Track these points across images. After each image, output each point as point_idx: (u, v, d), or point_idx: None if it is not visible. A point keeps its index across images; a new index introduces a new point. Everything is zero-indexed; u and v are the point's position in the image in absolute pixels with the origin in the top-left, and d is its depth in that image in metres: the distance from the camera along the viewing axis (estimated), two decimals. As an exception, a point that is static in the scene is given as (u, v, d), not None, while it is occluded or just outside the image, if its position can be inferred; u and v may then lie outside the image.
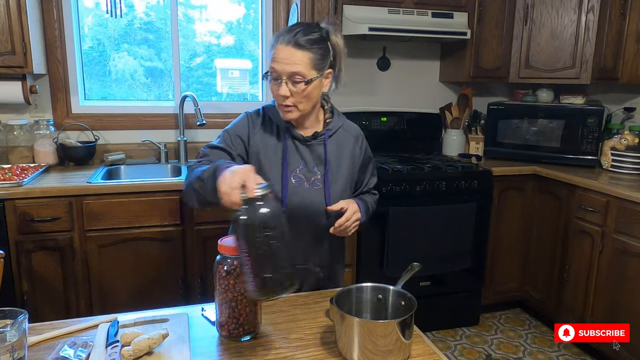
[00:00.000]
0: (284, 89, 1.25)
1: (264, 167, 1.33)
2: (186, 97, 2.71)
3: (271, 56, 1.27)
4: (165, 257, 2.32)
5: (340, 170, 1.39)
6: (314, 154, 1.37)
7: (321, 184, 1.36)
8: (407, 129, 3.11)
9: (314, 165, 1.36)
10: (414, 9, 2.75)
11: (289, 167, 1.34)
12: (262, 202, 0.97)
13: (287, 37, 1.24)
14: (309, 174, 1.36)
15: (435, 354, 1.08)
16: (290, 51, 1.23)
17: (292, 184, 1.34)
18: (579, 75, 2.84)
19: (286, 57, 1.23)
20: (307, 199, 1.34)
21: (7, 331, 0.94)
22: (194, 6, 2.90)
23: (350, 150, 1.42)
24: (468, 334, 2.83)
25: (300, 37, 1.24)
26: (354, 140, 1.44)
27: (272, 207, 0.98)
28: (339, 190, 1.38)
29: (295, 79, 1.25)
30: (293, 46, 1.23)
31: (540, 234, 2.86)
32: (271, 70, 1.27)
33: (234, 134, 1.36)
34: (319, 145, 1.38)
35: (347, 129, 1.45)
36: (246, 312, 1.10)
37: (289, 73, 1.24)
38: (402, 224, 2.54)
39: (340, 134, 1.42)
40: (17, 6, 2.22)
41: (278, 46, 1.25)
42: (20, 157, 2.53)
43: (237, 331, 1.10)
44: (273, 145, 1.35)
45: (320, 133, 1.38)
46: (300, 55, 1.24)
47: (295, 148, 1.36)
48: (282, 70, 1.24)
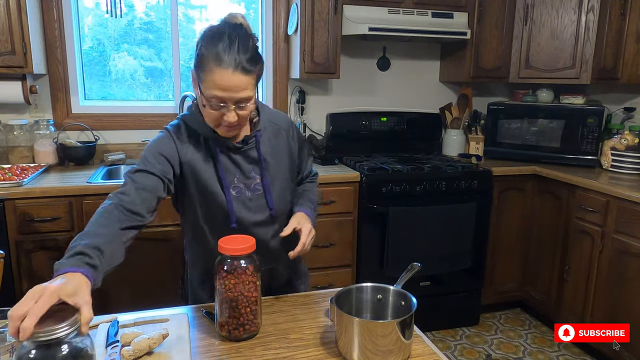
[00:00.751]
0: (232, 116, 1.14)
1: (200, 184, 1.25)
2: (186, 97, 2.71)
3: (206, 80, 1.11)
4: (165, 257, 2.32)
5: (279, 166, 1.34)
6: (248, 158, 1.29)
7: (262, 188, 1.30)
8: (407, 129, 3.11)
9: (250, 170, 1.29)
10: (414, 9, 2.75)
11: (227, 179, 1.26)
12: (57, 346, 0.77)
13: (231, 60, 1.09)
14: (248, 181, 1.29)
15: (435, 354, 1.08)
16: (238, 77, 1.10)
17: (234, 196, 1.27)
18: (579, 75, 2.84)
19: (234, 85, 1.10)
20: (250, 207, 1.29)
21: (7, 331, 0.94)
22: (194, 6, 2.90)
23: (284, 143, 1.36)
24: (468, 334, 2.83)
25: (244, 58, 1.10)
26: (285, 133, 1.37)
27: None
28: (281, 187, 1.34)
29: (243, 104, 1.15)
30: (241, 71, 1.10)
31: (540, 234, 2.86)
32: (213, 98, 1.12)
33: (156, 153, 1.21)
34: (252, 148, 1.29)
35: (275, 120, 1.36)
36: (246, 313, 1.10)
37: (237, 100, 1.13)
38: (402, 224, 2.54)
39: (270, 129, 1.34)
40: (17, 6, 2.22)
41: (221, 71, 1.09)
42: (20, 157, 2.53)
43: (237, 331, 1.10)
44: (205, 159, 1.25)
45: (251, 136, 1.28)
46: (248, 80, 1.12)
47: (228, 158, 1.27)
48: (229, 98, 1.12)
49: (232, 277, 1.07)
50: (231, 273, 1.07)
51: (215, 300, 1.11)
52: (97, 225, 1.04)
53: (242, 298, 1.08)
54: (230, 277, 1.07)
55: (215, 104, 1.13)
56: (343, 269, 2.62)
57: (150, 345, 1.02)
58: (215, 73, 1.09)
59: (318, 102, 3.06)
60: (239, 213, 1.27)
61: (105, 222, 1.07)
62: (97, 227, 1.03)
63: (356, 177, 2.54)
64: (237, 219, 1.27)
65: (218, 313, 1.11)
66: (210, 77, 1.10)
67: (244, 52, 1.11)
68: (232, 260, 1.08)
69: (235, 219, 1.27)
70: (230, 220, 1.26)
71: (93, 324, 1.15)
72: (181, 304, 1.50)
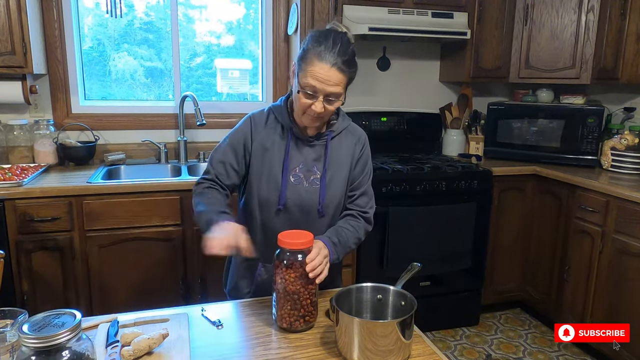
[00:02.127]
0: (320, 106, 1.27)
1: (265, 163, 1.37)
2: (186, 97, 2.71)
3: (306, 70, 1.25)
4: (165, 257, 2.32)
5: (338, 171, 1.40)
6: (315, 153, 1.39)
7: (319, 183, 1.38)
8: (407, 129, 3.11)
9: (313, 165, 1.39)
10: (414, 9, 2.75)
11: (289, 165, 1.37)
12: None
13: (331, 58, 1.23)
14: (308, 173, 1.38)
15: (435, 354, 1.08)
16: (334, 73, 1.24)
17: (291, 182, 1.36)
18: (579, 75, 2.84)
19: (329, 79, 1.24)
20: (303, 197, 1.37)
21: (7, 331, 0.95)
22: (194, 6, 2.90)
23: (350, 150, 1.44)
24: (468, 334, 2.83)
25: (342, 59, 1.25)
26: (355, 141, 1.46)
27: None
28: (336, 190, 1.40)
29: (332, 98, 1.27)
30: (337, 69, 1.24)
31: (540, 234, 2.86)
32: (307, 86, 1.26)
33: (235, 142, 1.40)
34: (321, 145, 1.40)
35: (352, 131, 1.47)
36: (307, 305, 1.14)
37: (327, 93, 1.26)
38: (402, 224, 2.54)
39: (344, 136, 1.44)
40: (17, 6, 2.22)
41: (321, 64, 1.23)
42: (20, 157, 2.53)
43: (298, 323, 1.14)
44: (277, 143, 1.38)
45: (324, 134, 1.40)
46: (341, 78, 1.26)
47: (297, 147, 1.39)
48: (321, 89, 1.25)
49: (292, 271, 1.12)
50: (290, 267, 1.12)
51: (274, 294, 1.15)
52: (209, 198, 1.35)
53: (302, 291, 1.13)
54: (289, 271, 1.12)
55: (309, 92, 1.26)
56: (343, 269, 2.60)
57: (150, 345, 1.02)
58: (315, 65, 1.24)
59: (318, 102, 3.05)
60: (290, 198, 1.36)
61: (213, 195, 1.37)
62: (211, 199, 1.35)
63: (356, 177, 2.54)
64: (285, 203, 1.36)
65: (278, 306, 1.15)
66: (311, 68, 1.25)
67: (343, 55, 1.25)
68: (291, 254, 1.13)
69: (284, 202, 1.36)
70: (279, 202, 1.35)
71: (93, 323, 1.15)
72: (181, 304, 1.50)
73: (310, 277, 1.15)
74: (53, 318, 0.82)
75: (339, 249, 1.34)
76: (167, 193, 2.27)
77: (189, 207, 2.30)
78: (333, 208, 1.40)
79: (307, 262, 1.16)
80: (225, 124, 2.90)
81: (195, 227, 2.33)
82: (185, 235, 2.33)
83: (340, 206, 1.44)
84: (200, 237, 2.38)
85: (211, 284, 2.40)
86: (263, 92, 3.06)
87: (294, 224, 1.36)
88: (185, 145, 2.79)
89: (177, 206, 2.28)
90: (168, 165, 2.74)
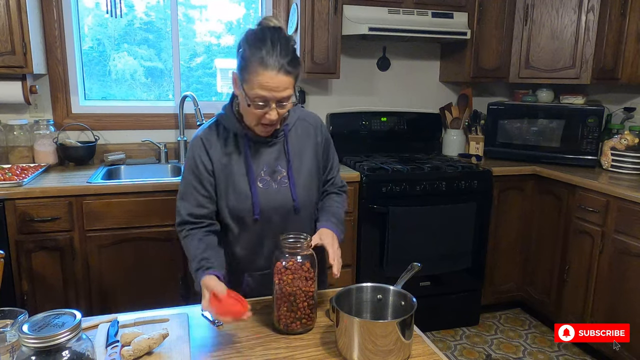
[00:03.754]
0: (274, 114, 1.22)
1: (229, 177, 1.33)
2: (186, 97, 2.71)
3: (252, 80, 1.19)
4: (165, 257, 2.32)
5: (303, 162, 1.39)
6: (276, 152, 1.36)
7: (287, 180, 1.36)
8: (407, 129, 3.11)
9: (277, 164, 1.36)
10: (414, 9, 2.75)
11: (254, 172, 1.33)
12: None
13: (275, 62, 1.17)
14: (274, 174, 1.36)
15: (435, 354, 1.08)
16: (281, 78, 1.18)
17: (260, 188, 1.33)
18: (579, 75, 2.84)
19: (278, 85, 1.19)
20: (275, 199, 1.34)
21: (7, 331, 0.95)
22: (194, 6, 2.90)
23: (312, 139, 1.42)
24: (468, 334, 2.83)
25: (286, 60, 1.19)
26: (313, 129, 1.43)
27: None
28: (305, 183, 1.38)
29: (284, 102, 1.23)
30: (284, 73, 1.18)
31: (540, 234, 2.86)
32: (257, 98, 1.20)
33: (194, 169, 1.34)
34: (280, 142, 1.37)
35: (305, 118, 1.43)
36: (304, 307, 1.14)
37: (279, 98, 1.21)
38: (402, 224, 2.54)
39: (299, 125, 1.41)
40: (17, 6, 2.22)
41: (266, 73, 1.17)
42: (20, 157, 2.53)
43: (294, 325, 1.14)
44: (234, 153, 1.34)
45: (279, 130, 1.35)
46: (290, 81, 1.21)
47: (256, 151, 1.35)
48: (272, 97, 1.20)
49: (290, 272, 1.12)
50: (289, 269, 1.12)
51: (273, 295, 1.16)
52: (189, 252, 1.31)
53: (300, 293, 1.13)
54: (287, 272, 1.12)
55: (259, 103, 1.21)
56: (343, 269, 2.57)
57: (150, 345, 1.02)
58: (260, 75, 1.17)
59: (318, 102, 3.06)
60: (263, 205, 1.33)
61: (190, 246, 1.31)
62: (191, 253, 1.30)
63: (356, 177, 2.54)
64: (260, 211, 1.33)
65: (275, 307, 1.15)
66: (256, 78, 1.18)
67: (286, 55, 1.19)
68: (290, 256, 1.13)
69: (258, 211, 1.33)
70: (254, 212, 1.32)
71: (93, 323, 1.15)
72: (181, 304, 1.50)
73: (335, 273, 1.22)
74: (53, 318, 0.82)
75: (340, 227, 1.40)
76: (167, 193, 2.27)
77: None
78: (307, 201, 1.39)
79: (332, 261, 1.24)
80: (225, 124, 2.90)
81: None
82: (185, 235, 2.32)
83: (313, 196, 1.42)
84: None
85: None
86: (263, 92, 3.06)
87: (273, 226, 1.34)
88: (185, 146, 2.79)
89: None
90: (168, 165, 2.74)
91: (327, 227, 1.35)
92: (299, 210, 1.37)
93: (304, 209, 1.39)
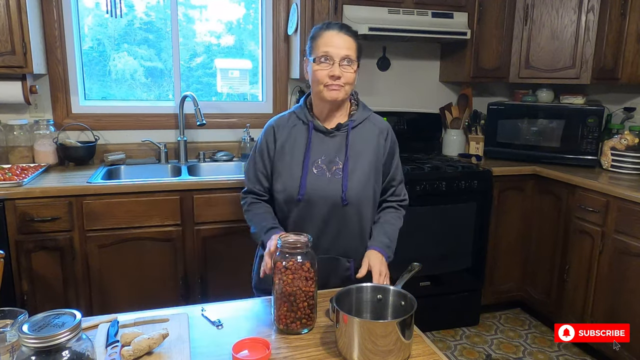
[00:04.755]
0: (337, 69, 1.36)
1: (287, 159, 1.44)
2: (186, 97, 2.70)
3: (317, 43, 1.38)
4: (165, 257, 2.32)
5: (360, 160, 1.44)
6: (337, 144, 1.44)
7: (342, 173, 1.42)
8: (407, 129, 3.11)
9: (335, 156, 1.43)
10: (414, 9, 2.75)
11: (311, 158, 1.42)
12: None
13: (336, 27, 1.39)
14: (330, 164, 1.43)
15: (435, 354, 1.08)
16: (343, 37, 1.37)
17: (313, 173, 1.42)
18: (579, 75, 2.84)
19: (340, 42, 1.36)
20: (325, 188, 1.41)
21: (7, 331, 0.95)
22: (194, 6, 2.90)
23: (374, 142, 1.48)
24: (468, 334, 2.83)
25: (347, 28, 1.40)
26: (378, 132, 1.49)
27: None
28: (359, 180, 1.43)
29: (346, 62, 1.37)
30: (345, 33, 1.38)
31: (540, 234, 2.86)
32: (323, 54, 1.36)
33: (260, 149, 1.50)
34: (342, 135, 1.45)
35: (373, 121, 1.51)
36: (304, 307, 1.14)
37: (342, 56, 1.36)
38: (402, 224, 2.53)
39: (365, 126, 1.48)
40: (17, 6, 2.22)
41: (329, 32, 1.38)
42: (20, 157, 2.53)
43: (294, 325, 1.14)
44: (298, 138, 1.45)
45: (344, 124, 1.45)
46: (351, 42, 1.39)
47: (319, 140, 1.44)
48: (336, 53, 1.36)
49: (290, 272, 1.12)
50: (289, 268, 1.12)
51: (273, 295, 1.16)
52: (255, 215, 1.47)
53: (300, 293, 1.13)
54: (287, 272, 1.12)
55: (324, 60, 1.37)
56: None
57: (150, 345, 1.02)
58: (324, 36, 1.38)
59: (318, 102, 3.05)
60: (310, 188, 1.41)
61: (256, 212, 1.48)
62: (256, 216, 1.47)
63: (356, 177, 2.54)
64: (307, 194, 1.40)
65: (275, 307, 1.16)
66: (320, 39, 1.39)
67: (347, 27, 1.41)
68: (290, 255, 1.13)
69: (304, 192, 1.40)
70: (299, 192, 1.40)
71: (93, 323, 1.15)
72: (181, 304, 1.51)
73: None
74: (53, 318, 0.82)
75: (391, 247, 1.49)
76: (167, 193, 2.27)
77: (188, 207, 2.31)
78: (357, 196, 1.43)
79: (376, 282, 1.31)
80: (225, 124, 2.91)
81: (195, 227, 2.34)
82: (185, 235, 2.33)
83: (366, 195, 1.46)
84: (200, 237, 2.40)
85: (211, 284, 2.40)
86: (263, 92, 3.06)
87: (317, 213, 1.42)
88: (185, 145, 2.79)
89: (177, 206, 2.28)
90: (168, 165, 2.74)
91: (376, 249, 1.42)
92: (345, 201, 1.41)
93: (352, 205, 1.42)
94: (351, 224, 1.44)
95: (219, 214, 2.34)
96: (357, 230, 1.47)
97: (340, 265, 1.48)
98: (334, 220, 1.42)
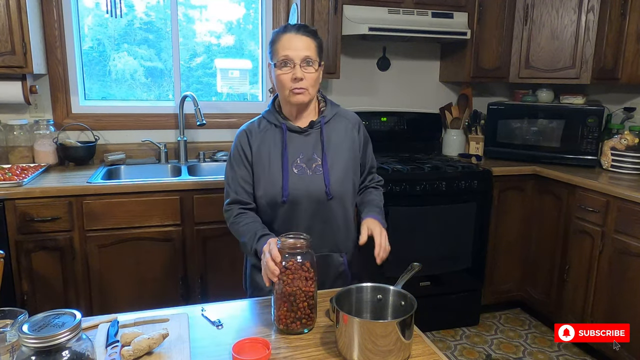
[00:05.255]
0: (299, 72, 1.36)
1: (265, 164, 1.43)
2: (186, 97, 2.70)
3: (276, 48, 1.38)
4: (165, 257, 2.32)
5: (338, 153, 1.46)
6: (312, 141, 1.45)
7: (322, 169, 1.43)
8: (407, 129, 3.11)
9: (313, 153, 1.44)
10: (414, 9, 2.75)
11: (289, 158, 1.43)
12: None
13: (294, 29, 1.38)
14: (309, 162, 1.44)
15: (435, 354, 1.08)
16: (301, 38, 1.37)
17: (294, 173, 1.42)
18: (579, 75, 2.84)
19: (299, 44, 1.36)
20: (309, 186, 1.42)
21: (7, 331, 0.94)
22: (194, 6, 2.90)
23: (349, 135, 1.50)
24: (468, 334, 2.83)
25: (304, 28, 1.39)
26: (351, 126, 1.52)
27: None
28: (339, 173, 1.45)
29: (307, 63, 1.37)
30: (303, 34, 1.37)
31: (540, 234, 2.86)
32: (283, 58, 1.36)
33: (237, 157, 1.47)
34: (316, 132, 1.46)
35: (343, 114, 1.53)
36: (304, 307, 1.14)
37: (302, 57, 1.36)
38: (402, 224, 2.54)
39: (337, 120, 1.50)
40: (17, 6, 2.22)
41: (287, 35, 1.37)
42: (20, 157, 2.53)
43: (294, 325, 1.14)
44: (273, 142, 1.45)
45: (317, 121, 1.46)
46: (310, 42, 1.38)
47: (294, 140, 1.45)
48: (295, 55, 1.36)
49: (290, 272, 1.13)
50: (289, 269, 1.13)
51: (273, 295, 1.16)
52: (243, 225, 1.42)
53: (299, 293, 1.13)
54: (287, 272, 1.13)
55: (284, 64, 1.37)
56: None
57: (150, 345, 1.02)
58: (282, 38, 1.38)
59: (318, 102, 3.05)
60: (293, 189, 1.41)
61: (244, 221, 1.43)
62: (245, 226, 1.42)
63: (356, 177, 2.54)
64: (289, 194, 1.41)
65: (275, 307, 1.16)
66: (279, 43, 1.38)
67: (305, 27, 1.41)
68: (289, 255, 1.13)
69: (287, 194, 1.40)
70: (283, 194, 1.40)
71: (93, 323, 1.15)
72: (181, 304, 1.51)
73: (379, 259, 1.33)
74: (53, 318, 0.82)
75: (383, 216, 1.49)
76: (167, 193, 2.27)
77: (188, 207, 2.31)
78: (340, 189, 1.45)
79: (377, 252, 1.34)
80: (225, 124, 2.90)
81: (195, 227, 2.34)
82: (185, 235, 2.33)
83: (348, 187, 1.47)
84: (200, 237, 2.40)
85: (211, 284, 2.40)
86: (263, 92, 3.06)
87: (302, 211, 1.42)
88: (185, 145, 2.79)
89: (177, 206, 2.28)
90: (168, 166, 2.74)
91: (373, 217, 1.44)
92: (330, 195, 1.42)
93: (336, 199, 1.44)
94: (336, 218, 1.47)
95: (219, 214, 2.32)
96: (343, 223, 1.49)
97: (334, 260, 1.50)
98: (320, 217, 1.44)
